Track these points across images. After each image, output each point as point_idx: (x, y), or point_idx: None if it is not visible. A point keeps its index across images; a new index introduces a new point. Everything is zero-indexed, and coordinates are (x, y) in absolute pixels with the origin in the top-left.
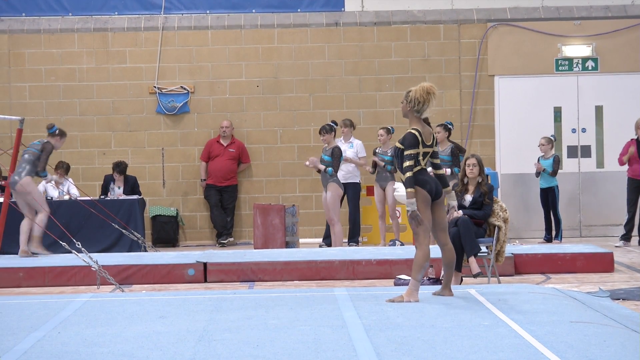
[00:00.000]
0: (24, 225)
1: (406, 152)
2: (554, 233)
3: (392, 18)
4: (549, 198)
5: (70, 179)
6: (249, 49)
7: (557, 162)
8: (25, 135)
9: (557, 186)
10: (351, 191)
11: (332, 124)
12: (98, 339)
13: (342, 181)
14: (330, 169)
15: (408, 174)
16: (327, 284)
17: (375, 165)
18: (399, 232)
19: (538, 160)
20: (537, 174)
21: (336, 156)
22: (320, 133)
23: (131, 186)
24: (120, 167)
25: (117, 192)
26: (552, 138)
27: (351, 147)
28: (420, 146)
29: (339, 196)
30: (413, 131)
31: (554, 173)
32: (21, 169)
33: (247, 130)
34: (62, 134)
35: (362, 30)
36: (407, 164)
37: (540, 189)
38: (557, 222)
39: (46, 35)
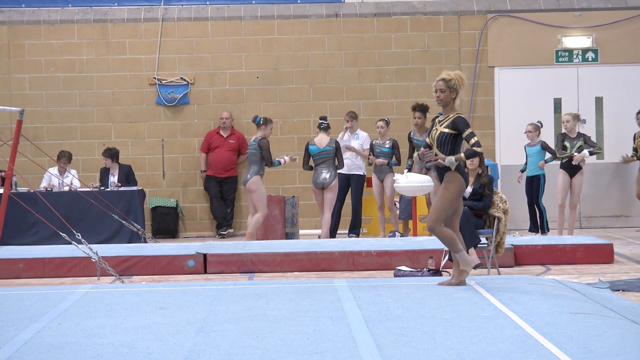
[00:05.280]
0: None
1: (467, 132)
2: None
3: (392, 9)
4: (533, 186)
5: (73, 171)
6: (248, 40)
7: (549, 147)
8: (25, 127)
9: (543, 175)
10: (355, 183)
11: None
12: (98, 330)
13: (345, 172)
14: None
15: (478, 148)
16: (327, 275)
17: (375, 162)
18: (398, 223)
19: (525, 149)
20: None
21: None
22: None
23: (126, 174)
24: (108, 151)
25: (111, 180)
26: (538, 124)
27: (357, 139)
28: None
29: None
30: (462, 115)
31: (555, 156)
32: (250, 170)
33: (247, 122)
34: (267, 121)
35: (362, 22)
36: (474, 139)
37: (527, 177)
38: (540, 212)
39: (46, 26)
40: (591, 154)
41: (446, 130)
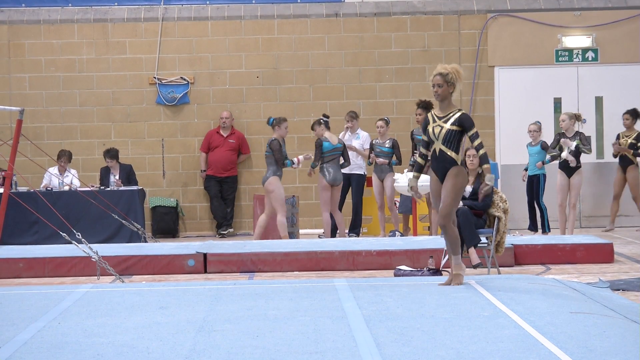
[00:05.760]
0: (261, 220)
1: (473, 131)
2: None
3: (392, 9)
4: (533, 186)
5: (73, 170)
6: (248, 39)
7: (548, 147)
8: (25, 126)
9: (543, 175)
10: (355, 182)
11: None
12: (98, 329)
13: (346, 172)
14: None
15: (483, 150)
16: (327, 275)
17: (375, 161)
18: (398, 223)
19: (527, 148)
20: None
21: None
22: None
23: (127, 174)
24: (110, 152)
25: (112, 179)
26: (539, 124)
27: (357, 139)
28: None
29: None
30: (466, 112)
31: (554, 157)
32: (268, 170)
33: (247, 121)
34: (280, 121)
35: (362, 21)
36: (478, 141)
37: (527, 176)
38: (541, 211)
39: (46, 26)
40: (577, 149)
41: (453, 127)
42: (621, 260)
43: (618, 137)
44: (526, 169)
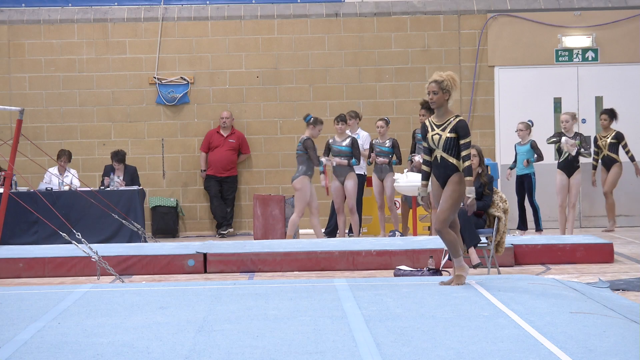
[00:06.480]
0: (312, 220)
1: (466, 141)
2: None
3: (392, 9)
4: (524, 185)
5: (73, 170)
6: (248, 39)
7: (537, 147)
8: (25, 126)
9: (533, 173)
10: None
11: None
12: (98, 329)
13: None
14: (354, 160)
15: (467, 162)
16: (327, 275)
17: (375, 161)
18: (398, 222)
19: (515, 147)
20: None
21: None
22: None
23: (131, 175)
24: (118, 155)
25: (117, 181)
26: (529, 123)
27: (358, 139)
28: None
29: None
30: (464, 119)
31: (540, 158)
32: (298, 169)
33: (247, 121)
34: (316, 121)
35: (362, 21)
36: (466, 152)
37: (517, 175)
38: (534, 210)
39: (46, 26)
40: (578, 153)
41: (451, 135)
42: (621, 260)
43: (596, 140)
44: (511, 168)
